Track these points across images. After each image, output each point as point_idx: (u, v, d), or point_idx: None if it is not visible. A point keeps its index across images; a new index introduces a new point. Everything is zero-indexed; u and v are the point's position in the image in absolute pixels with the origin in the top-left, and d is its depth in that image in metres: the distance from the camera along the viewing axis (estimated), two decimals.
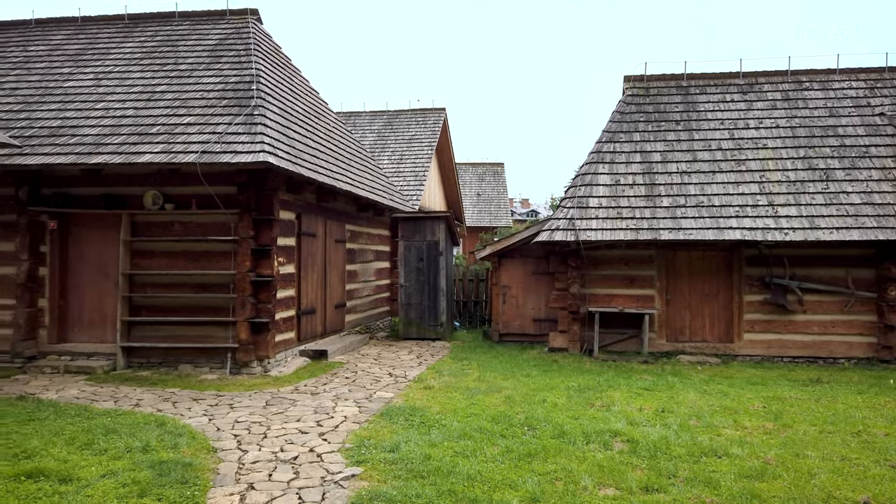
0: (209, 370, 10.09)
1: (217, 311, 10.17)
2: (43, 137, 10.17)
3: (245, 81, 10.93)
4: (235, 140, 9.54)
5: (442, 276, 14.43)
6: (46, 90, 11.46)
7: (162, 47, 12.32)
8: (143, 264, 10.34)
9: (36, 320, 10.45)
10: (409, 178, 21.09)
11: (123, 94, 11.07)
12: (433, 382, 9.38)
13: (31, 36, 13.31)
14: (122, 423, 6.70)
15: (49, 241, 10.50)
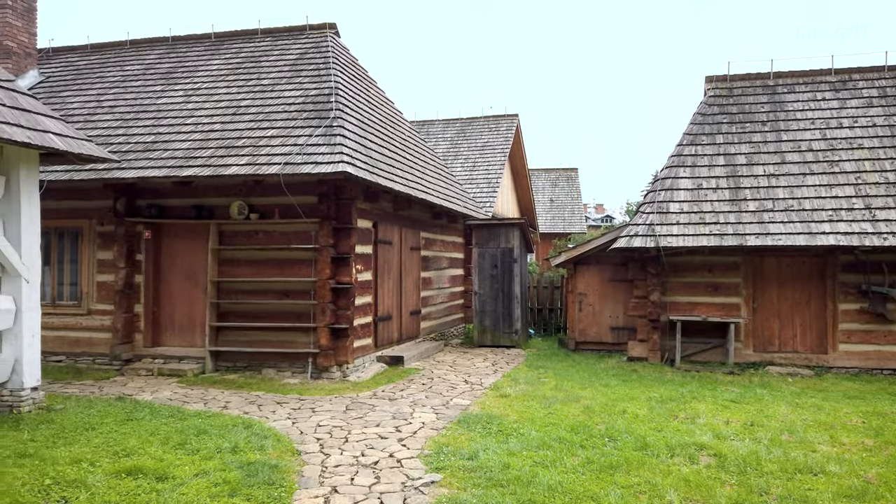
0: (291, 374, 10.39)
1: (299, 317, 10.48)
2: (138, 152, 10.78)
3: (324, 94, 11.25)
4: (316, 151, 9.82)
5: (516, 284, 14.35)
6: (141, 107, 12.15)
7: (246, 63, 12.84)
8: (230, 272, 10.78)
9: (132, 325, 11.07)
10: (482, 184, 21.12)
11: (211, 109, 11.61)
12: (509, 390, 9.33)
13: (127, 56, 14.15)
14: (212, 424, 6.98)
15: (144, 250, 11.11)
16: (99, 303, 11.22)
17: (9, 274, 7.36)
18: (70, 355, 11.28)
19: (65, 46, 14.91)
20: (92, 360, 11.14)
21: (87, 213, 11.28)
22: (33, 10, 13.78)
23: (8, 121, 6.81)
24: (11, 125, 6.82)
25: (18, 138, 6.75)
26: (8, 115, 6.90)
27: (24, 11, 13.57)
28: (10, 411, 7.26)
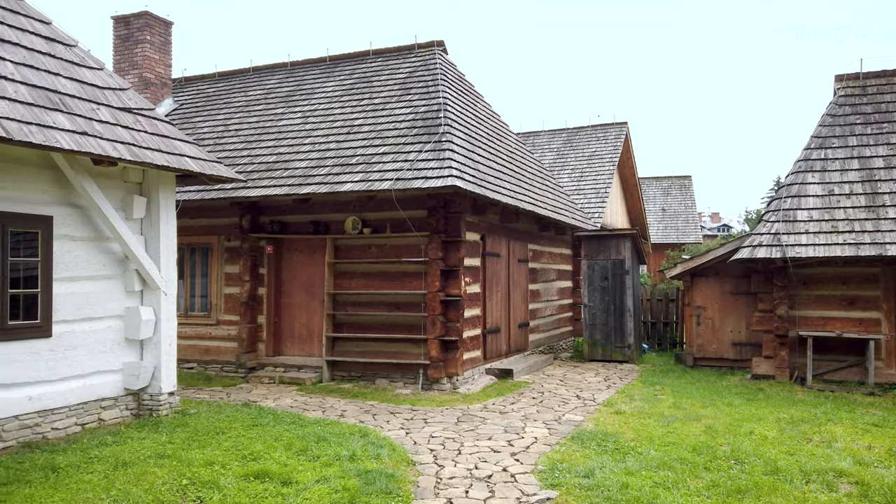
0: (403, 385, 10.59)
1: (409, 329, 10.68)
2: (261, 172, 11.44)
3: (433, 110, 11.47)
4: (426, 166, 10.02)
5: (628, 296, 13.91)
6: (264, 129, 12.90)
7: (359, 84, 13.34)
8: (344, 284, 11.17)
9: (256, 335, 11.71)
10: (589, 195, 20.71)
11: (327, 129, 12.13)
12: (624, 407, 9.03)
13: (250, 82, 15.10)
14: (331, 432, 7.23)
15: (266, 264, 11.74)
16: (226, 314, 11.96)
17: (149, 287, 8.00)
18: (201, 363, 12.09)
19: (195, 76, 16.13)
20: (220, 368, 11.88)
21: (216, 230, 12.09)
22: (168, 44, 15.02)
23: (150, 146, 7.43)
24: (153, 150, 7.43)
25: (159, 162, 7.34)
26: (150, 140, 7.54)
27: (161, 45, 14.82)
28: (150, 414, 7.86)
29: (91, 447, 6.35)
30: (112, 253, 7.67)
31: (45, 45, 7.35)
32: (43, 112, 6.40)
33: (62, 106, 6.72)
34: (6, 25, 7.04)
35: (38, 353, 6.86)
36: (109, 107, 7.42)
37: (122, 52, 14.50)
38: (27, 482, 5.33)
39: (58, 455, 6.04)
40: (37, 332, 6.85)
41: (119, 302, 7.77)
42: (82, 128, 6.68)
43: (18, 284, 6.72)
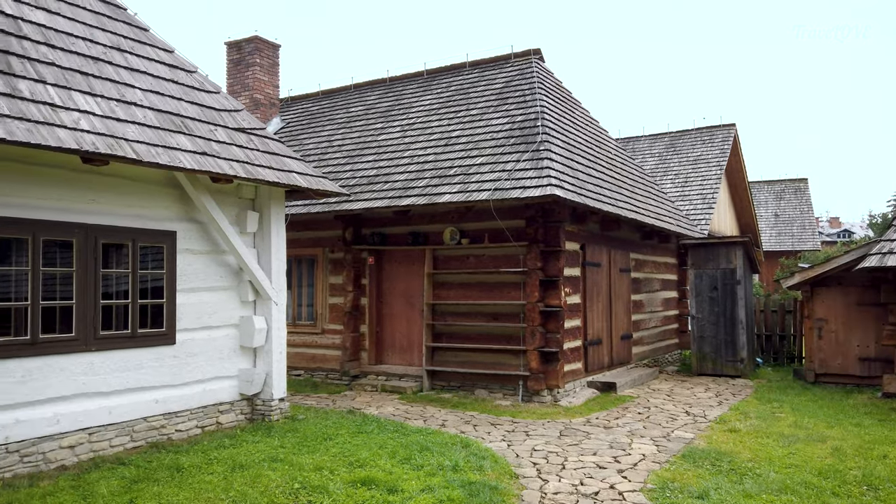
0: (502, 396, 10.53)
1: (508, 340, 10.62)
2: (363, 185, 11.78)
3: (530, 119, 11.40)
4: (524, 176, 9.96)
5: (740, 307, 13.20)
6: (364, 144, 13.29)
7: (456, 96, 13.48)
8: (443, 295, 11.27)
9: (359, 344, 12.02)
10: (695, 201, 19.87)
11: (425, 142, 12.33)
12: (739, 425, 8.54)
13: (351, 99, 15.61)
14: (433, 441, 7.28)
15: (368, 275, 12.05)
16: (331, 323, 12.36)
17: (262, 298, 8.39)
18: (307, 370, 12.55)
19: (300, 95, 16.88)
20: (325, 375, 12.28)
21: (320, 242, 12.55)
22: (276, 66, 15.81)
23: (262, 164, 7.83)
24: (264, 167, 7.81)
25: (270, 178, 7.71)
26: (262, 158, 7.93)
27: (269, 67, 15.62)
28: (263, 419, 8.22)
29: (210, 449, 6.71)
30: (228, 265, 8.12)
31: (169, 72, 7.91)
32: (168, 134, 6.88)
33: (184, 128, 7.21)
34: (135, 55, 7.64)
35: (164, 359, 7.35)
36: (226, 127, 7.88)
37: (235, 75, 15.41)
38: (155, 480, 5.70)
39: (181, 455, 6.43)
40: (162, 340, 7.34)
41: (234, 311, 8.21)
42: (202, 148, 7.13)
43: (146, 295, 7.24)
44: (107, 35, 7.52)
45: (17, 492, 5.41)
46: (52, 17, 7.02)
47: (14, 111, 5.51)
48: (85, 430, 6.52)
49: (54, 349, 6.34)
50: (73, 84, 6.40)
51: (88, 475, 5.85)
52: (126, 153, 6.10)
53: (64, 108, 6.02)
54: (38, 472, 6.02)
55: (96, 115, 6.27)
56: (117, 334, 6.90)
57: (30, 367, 6.13)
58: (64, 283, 6.48)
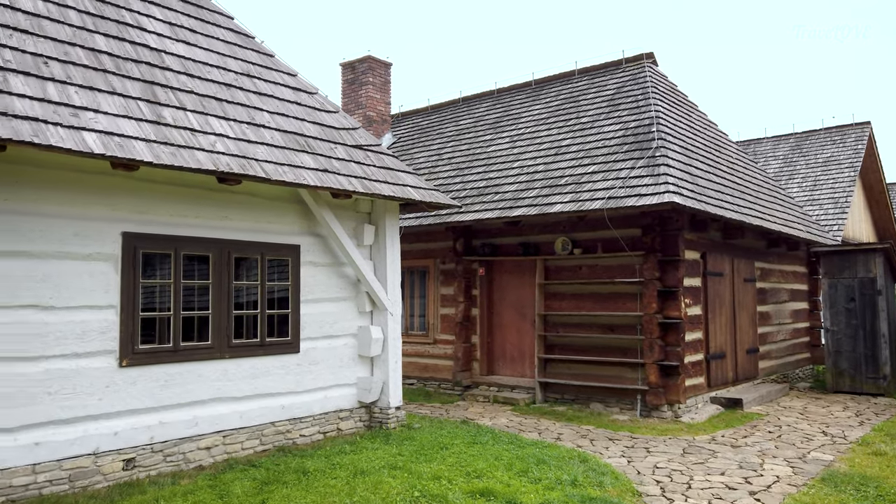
0: (619, 410, 10.21)
1: (625, 352, 10.30)
2: (473, 197, 11.87)
3: (644, 125, 11.06)
4: (639, 183, 9.66)
5: (881, 320, 12.09)
6: (474, 156, 13.41)
7: (565, 104, 13.33)
8: (555, 305, 11.12)
9: (470, 354, 12.08)
10: (826, 205, 18.48)
11: (534, 152, 12.27)
12: (885, 447, 7.80)
13: (460, 112, 15.82)
14: (549, 454, 7.16)
15: (479, 286, 12.10)
16: (442, 333, 12.51)
17: (378, 308, 8.63)
18: (420, 379, 12.76)
19: (410, 110, 17.31)
20: (438, 385, 12.43)
21: (432, 254, 12.75)
22: (388, 84, 16.31)
23: (378, 178, 8.08)
24: (380, 182, 8.06)
25: (385, 193, 7.94)
26: (377, 173, 8.19)
27: (381, 85, 16.14)
28: (380, 427, 8.43)
29: (333, 454, 6.95)
30: (346, 277, 8.42)
31: (292, 95, 8.35)
32: (292, 154, 7.26)
33: (307, 147, 7.57)
34: (262, 80, 8.13)
35: (288, 366, 7.71)
36: (344, 145, 8.20)
37: (349, 94, 16.04)
38: (284, 483, 5.97)
39: (306, 460, 6.71)
40: (288, 349, 7.71)
41: (353, 322, 8.49)
42: (323, 165, 7.46)
43: (272, 306, 7.64)
44: (238, 62, 8.06)
45: (162, 489, 5.85)
46: (190, 48, 7.62)
47: (160, 137, 6.01)
48: (219, 432, 6.95)
49: (193, 356, 6.81)
50: (209, 109, 6.90)
51: (223, 475, 6.23)
52: (257, 172, 6.49)
53: (202, 132, 6.50)
54: (179, 471, 6.48)
55: (230, 138, 6.72)
56: (247, 343, 7.32)
57: (171, 373, 6.62)
58: (200, 294, 6.96)
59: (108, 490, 5.79)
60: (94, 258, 6.06)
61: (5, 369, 5.46)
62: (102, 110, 5.81)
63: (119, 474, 6.08)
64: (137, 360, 6.30)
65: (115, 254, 6.20)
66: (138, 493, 5.69)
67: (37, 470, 5.58)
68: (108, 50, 6.58)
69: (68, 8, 6.73)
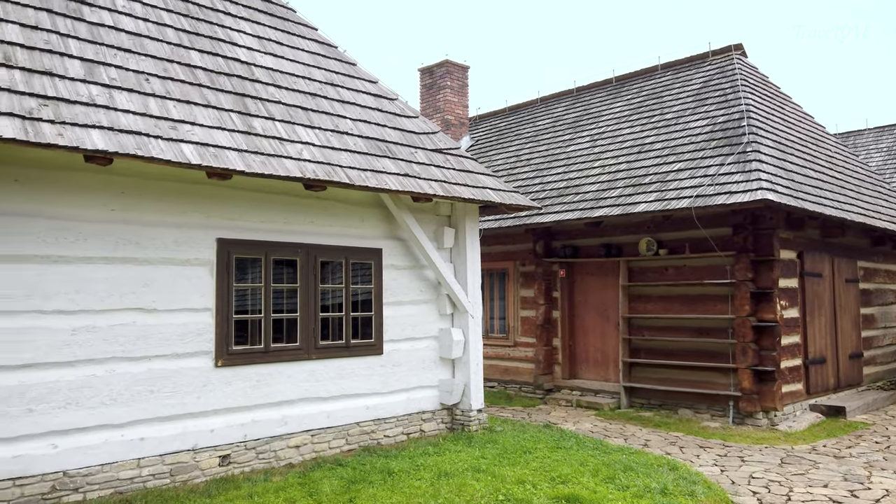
0: (710, 417, 9.81)
1: (715, 357, 9.89)
2: (553, 198, 11.72)
3: (734, 119, 10.60)
4: (728, 180, 9.26)
5: None
6: (552, 156, 13.25)
7: (647, 101, 12.96)
8: (639, 308, 10.81)
9: (552, 357, 11.93)
10: None
11: (616, 151, 11.99)
12: None
13: (538, 112, 15.67)
14: (636, 461, 6.96)
15: (559, 288, 11.94)
16: (523, 336, 12.42)
17: (458, 311, 8.66)
18: (500, 382, 12.71)
19: (488, 113, 17.30)
20: (518, 388, 12.34)
21: (511, 256, 12.69)
22: (465, 87, 16.37)
23: (458, 181, 8.11)
24: (460, 185, 8.09)
25: (465, 195, 7.95)
26: (457, 176, 8.22)
27: (459, 88, 16.21)
28: (462, 429, 8.45)
29: (416, 455, 7.02)
30: (427, 280, 8.49)
31: (374, 101, 8.51)
32: (374, 159, 7.39)
33: (388, 152, 7.70)
34: (345, 88, 8.33)
35: (372, 368, 7.85)
36: (424, 149, 8.28)
37: (427, 98, 16.20)
38: (370, 482, 6.08)
39: (391, 460, 6.80)
40: (371, 350, 7.85)
41: (433, 324, 8.55)
42: (404, 170, 7.55)
43: (356, 308, 7.80)
44: (322, 72, 8.29)
45: (256, 485, 6.07)
46: (277, 60, 7.90)
47: (250, 146, 6.26)
48: (308, 431, 7.16)
49: (282, 357, 7.04)
50: (295, 119, 7.13)
51: (312, 473, 6.40)
52: (341, 178, 6.65)
53: (289, 140, 6.73)
54: (270, 468, 6.71)
55: (315, 146, 6.92)
56: (333, 344, 7.51)
57: (262, 373, 6.87)
58: (288, 297, 7.19)
59: (206, 485, 6.07)
60: (192, 263, 6.37)
61: (113, 368, 5.82)
62: (198, 123, 6.11)
63: (215, 470, 6.36)
64: (231, 361, 6.58)
65: (210, 259, 6.50)
66: (233, 488, 5.93)
67: (141, 464, 5.92)
68: (202, 65, 6.92)
69: (166, 26, 7.12)
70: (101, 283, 5.78)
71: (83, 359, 5.65)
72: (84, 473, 5.58)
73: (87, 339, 5.68)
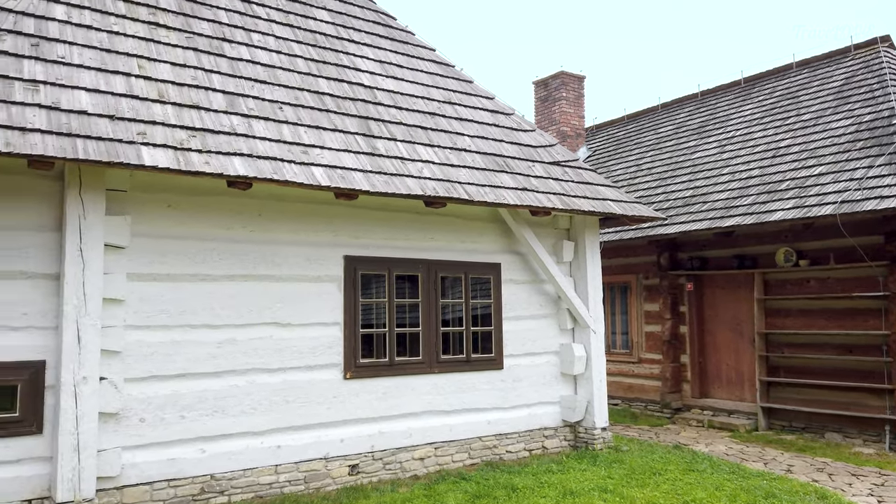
0: (862, 442, 8.95)
1: (866, 376, 9.03)
2: (678, 207, 11.24)
3: (883, 117, 9.71)
4: (879, 184, 8.47)
5: None
6: (676, 164, 12.72)
7: (781, 101, 12.16)
8: (777, 323, 10.09)
9: (680, 375, 11.39)
10: None
11: (747, 156, 11.32)
12: None
13: (659, 119, 15.13)
14: (779, 488, 6.47)
15: (686, 302, 11.39)
16: (647, 352, 11.95)
17: (580, 325, 8.48)
18: (624, 400, 12.28)
19: (605, 122, 16.93)
20: (644, 406, 11.87)
21: (633, 269, 12.28)
22: (581, 97, 16.13)
23: (576, 194, 7.98)
24: (579, 197, 7.96)
25: (585, 208, 7.81)
26: (576, 189, 8.10)
27: (574, 99, 16.00)
28: (586, 447, 8.24)
29: (540, 472, 6.93)
30: (546, 294, 8.40)
31: (490, 117, 8.59)
32: (492, 175, 7.45)
33: (506, 167, 7.72)
34: (462, 106, 8.47)
35: (493, 382, 7.85)
36: (541, 162, 8.24)
37: (542, 111, 16.12)
38: (494, 497, 6.07)
39: (514, 476, 6.75)
40: (492, 365, 7.86)
41: (554, 339, 8.43)
42: (522, 184, 7.54)
43: (476, 323, 7.84)
44: (440, 91, 8.48)
45: (383, 495, 6.24)
46: (398, 82, 8.18)
47: (374, 167, 6.51)
48: (431, 444, 7.27)
49: (406, 371, 7.21)
50: (415, 138, 7.34)
51: (437, 486, 6.48)
52: (460, 195, 6.75)
53: (410, 159, 6.93)
54: (396, 478, 6.87)
55: (435, 164, 7.08)
56: (454, 359, 7.59)
57: (388, 386, 7.06)
58: (410, 312, 7.36)
59: (337, 493, 6.31)
60: (322, 280, 6.70)
61: (253, 379, 6.22)
62: (327, 146, 6.43)
63: (345, 479, 6.60)
64: (359, 373, 6.82)
65: (338, 275, 6.80)
66: (363, 497, 6.13)
67: (278, 470, 6.25)
68: (329, 91, 7.30)
69: (296, 57, 7.58)
70: (242, 300, 6.21)
71: (227, 370, 6.08)
72: (228, 477, 5.98)
73: (230, 352, 6.11)
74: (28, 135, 4.85)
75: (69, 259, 5.26)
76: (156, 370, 5.73)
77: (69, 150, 4.90)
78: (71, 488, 5.10)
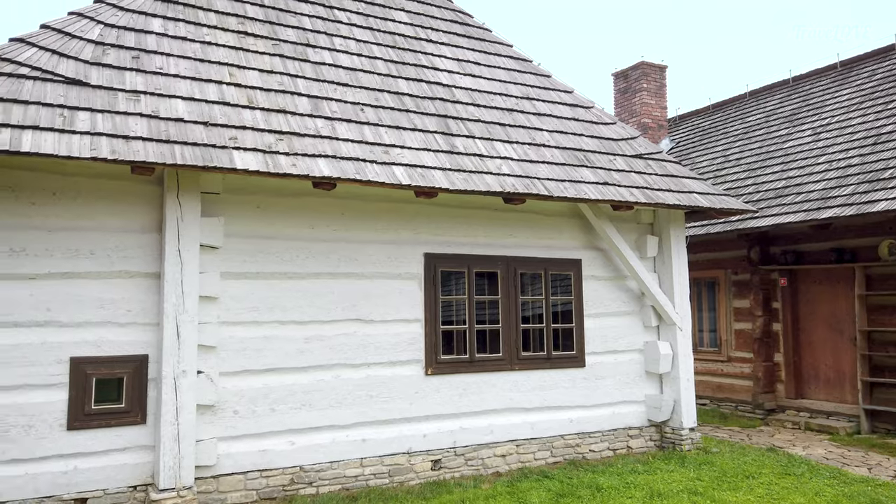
0: None
1: None
2: (769, 199, 10.72)
3: None
4: None
5: None
6: (767, 154, 12.13)
7: (883, 85, 11.38)
8: (881, 320, 9.46)
9: (773, 374, 10.87)
10: None
11: (845, 144, 10.66)
12: None
13: (746, 108, 14.46)
14: (887, 495, 6.08)
15: (780, 298, 10.85)
16: (737, 350, 11.46)
17: (665, 323, 8.24)
18: (713, 399, 11.83)
19: (688, 112, 16.34)
20: (734, 407, 11.40)
21: (721, 264, 11.80)
22: (663, 88, 15.63)
23: (660, 187, 7.75)
24: (663, 191, 7.72)
25: (670, 201, 7.57)
26: (660, 182, 7.86)
27: (656, 90, 15.52)
28: (673, 448, 7.99)
29: (625, 472, 6.78)
30: (629, 290, 8.20)
31: (569, 111, 8.47)
32: (572, 169, 7.34)
33: (586, 161, 7.59)
34: (541, 101, 8.39)
35: (575, 380, 7.74)
36: (623, 156, 8.05)
37: (622, 103, 15.73)
38: (578, 497, 5.99)
39: (598, 476, 6.64)
40: (573, 363, 7.76)
41: (637, 336, 8.22)
42: (603, 178, 7.40)
43: (556, 320, 7.76)
44: (517, 87, 8.44)
45: (466, 490, 6.27)
46: (475, 80, 8.19)
47: (453, 164, 6.55)
48: (512, 441, 7.25)
49: (485, 367, 7.22)
50: (494, 135, 7.33)
51: (519, 483, 6.46)
52: (539, 191, 6.70)
53: (488, 156, 6.93)
54: (478, 474, 6.89)
55: (513, 160, 7.05)
56: (534, 356, 7.54)
57: (468, 382, 7.10)
58: (490, 309, 7.37)
59: (420, 487, 6.40)
60: (403, 277, 6.80)
61: (338, 374, 6.39)
62: (407, 146, 6.53)
63: (428, 473, 6.69)
64: (439, 370, 6.89)
65: (419, 273, 6.88)
66: (445, 492, 6.19)
67: (364, 463, 6.41)
68: (408, 91, 7.39)
69: (376, 59, 7.72)
70: (327, 297, 6.39)
71: (314, 365, 6.28)
72: (317, 469, 6.17)
73: (317, 348, 6.30)
74: (131, 142, 5.17)
75: (168, 259, 5.57)
76: (248, 365, 5.98)
77: (168, 155, 5.19)
78: (172, 476, 5.41)
